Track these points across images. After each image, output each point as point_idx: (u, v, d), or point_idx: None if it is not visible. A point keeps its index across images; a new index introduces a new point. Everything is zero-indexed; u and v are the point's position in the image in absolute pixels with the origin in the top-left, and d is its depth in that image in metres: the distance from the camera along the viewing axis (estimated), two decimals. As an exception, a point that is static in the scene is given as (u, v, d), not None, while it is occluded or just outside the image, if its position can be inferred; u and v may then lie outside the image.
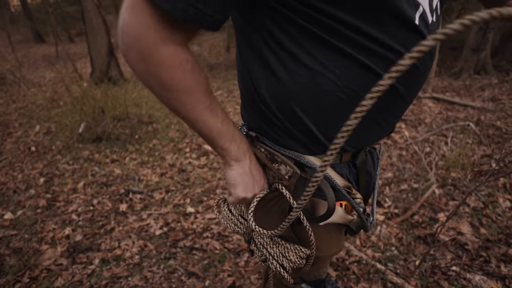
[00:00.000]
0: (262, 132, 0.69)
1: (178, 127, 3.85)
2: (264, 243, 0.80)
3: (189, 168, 2.89)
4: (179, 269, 1.80)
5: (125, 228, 2.14)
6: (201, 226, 2.12)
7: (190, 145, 3.35)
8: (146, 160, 3.10)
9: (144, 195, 2.50)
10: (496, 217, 1.99)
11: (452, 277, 1.63)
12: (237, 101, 4.78)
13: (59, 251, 1.94)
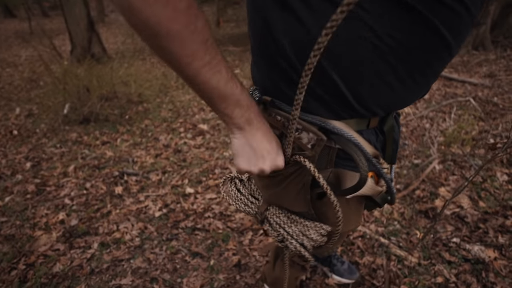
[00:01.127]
0: (279, 94, 0.60)
1: (171, 106, 3.72)
2: (281, 222, 0.75)
3: (185, 148, 2.80)
4: (183, 250, 1.75)
5: (123, 211, 2.06)
6: (201, 207, 2.06)
7: (184, 125, 3.24)
8: (138, 141, 2.99)
9: (140, 177, 2.41)
10: (494, 191, 2.02)
11: (453, 248, 1.65)
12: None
13: (55, 236, 1.85)
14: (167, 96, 4.05)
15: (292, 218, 0.74)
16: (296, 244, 0.73)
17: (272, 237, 0.79)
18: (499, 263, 1.54)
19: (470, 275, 1.51)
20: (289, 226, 0.74)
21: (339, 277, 1.52)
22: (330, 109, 0.57)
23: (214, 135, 3.00)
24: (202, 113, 3.52)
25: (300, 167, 0.63)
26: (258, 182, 0.78)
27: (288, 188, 0.68)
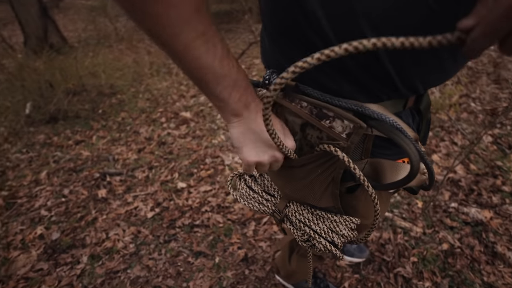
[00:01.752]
0: (304, 77, 0.51)
1: (148, 96, 3.46)
2: (305, 220, 0.67)
3: (169, 139, 2.61)
4: (184, 251, 1.62)
5: (110, 216, 1.88)
6: (197, 201, 1.92)
7: (165, 114, 3.02)
8: (117, 136, 2.75)
9: (124, 176, 2.22)
10: (482, 152, 2.04)
11: (453, 213, 1.65)
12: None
13: (35, 254, 1.66)
14: (142, 84, 3.76)
15: (318, 214, 0.67)
16: (325, 243, 0.64)
17: (296, 237, 0.69)
18: (495, 222, 1.56)
19: (472, 237, 1.51)
20: (316, 223, 0.66)
21: (350, 257, 1.49)
22: (367, 91, 0.49)
23: (199, 122, 2.81)
24: (183, 100, 3.29)
25: (329, 159, 0.55)
26: (276, 178, 0.68)
27: (314, 183, 0.59)
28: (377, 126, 0.50)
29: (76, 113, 3.08)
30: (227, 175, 2.09)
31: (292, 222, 0.69)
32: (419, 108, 0.58)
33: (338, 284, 1.40)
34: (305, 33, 0.46)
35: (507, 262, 1.38)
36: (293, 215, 0.69)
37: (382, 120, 0.48)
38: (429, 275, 1.37)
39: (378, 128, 0.50)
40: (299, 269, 1.17)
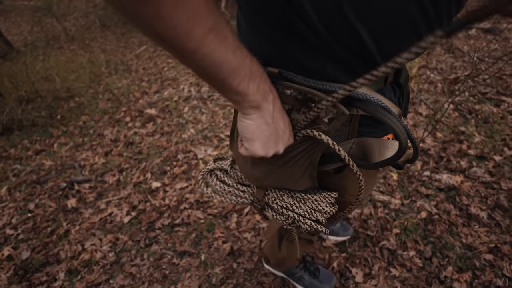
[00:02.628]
0: (288, 62, 0.49)
1: (108, 96, 3.27)
2: (287, 205, 0.66)
3: (137, 139, 2.48)
4: (167, 253, 1.56)
5: (84, 226, 1.77)
6: (174, 199, 1.85)
7: (129, 113, 2.87)
8: (80, 141, 2.58)
9: (94, 182, 2.09)
10: (446, 120, 2.11)
11: (426, 181, 1.70)
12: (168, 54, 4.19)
13: (5, 278, 1.53)
14: (100, 85, 3.55)
15: (298, 197, 0.66)
16: (310, 223, 0.65)
17: (280, 222, 0.69)
18: (466, 185, 1.62)
19: (447, 203, 1.57)
20: (298, 206, 0.66)
21: (335, 237, 1.50)
22: (349, 71, 0.48)
23: (165, 118, 2.70)
24: (146, 96, 3.15)
25: (311, 143, 0.55)
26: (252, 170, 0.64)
27: (292, 169, 0.59)
28: (362, 106, 0.49)
29: (32, 121, 2.86)
30: (202, 169, 2.02)
31: (274, 209, 0.69)
32: (399, 81, 0.58)
33: (327, 265, 1.40)
34: (284, 12, 0.43)
35: (481, 222, 1.45)
36: (274, 202, 0.68)
37: (366, 100, 0.48)
38: (412, 244, 1.41)
39: (364, 108, 0.49)
40: (290, 255, 1.16)
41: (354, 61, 0.47)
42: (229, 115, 2.53)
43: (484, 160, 1.75)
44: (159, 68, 3.83)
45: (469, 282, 1.25)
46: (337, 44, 0.44)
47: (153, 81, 3.46)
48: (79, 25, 5.98)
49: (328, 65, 0.48)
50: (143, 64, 4.02)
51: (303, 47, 0.46)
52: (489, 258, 1.31)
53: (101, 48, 4.80)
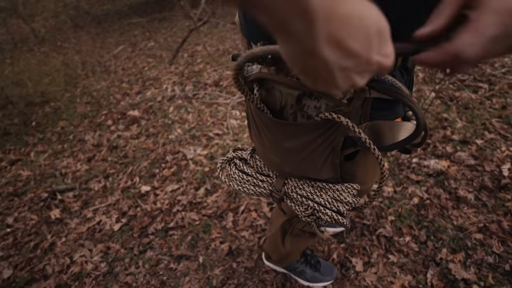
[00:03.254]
0: None
1: (87, 99, 3.14)
2: (307, 194, 0.66)
3: (121, 142, 2.40)
4: (163, 258, 1.51)
5: (70, 237, 1.69)
6: (166, 202, 1.80)
7: (110, 116, 2.77)
8: (59, 148, 2.47)
9: (78, 190, 2.00)
10: (428, 107, 2.16)
11: (416, 168, 1.74)
12: (148, 53, 4.07)
13: (-10, 297, 1.44)
14: (77, 88, 3.40)
15: (319, 186, 0.66)
16: (331, 213, 0.64)
17: (299, 213, 0.68)
18: (453, 169, 1.68)
19: (436, 187, 1.61)
20: (319, 195, 0.65)
21: (333, 228, 1.51)
22: None
23: (150, 119, 2.63)
24: (128, 98, 3.05)
25: (330, 127, 0.54)
26: (273, 155, 0.65)
27: (314, 155, 0.59)
28: (377, 87, 0.48)
29: (4, 129, 2.70)
30: (192, 170, 1.98)
31: (293, 199, 0.68)
32: (407, 65, 0.58)
33: (327, 257, 1.41)
34: None
35: (469, 204, 1.50)
36: (294, 191, 0.67)
37: (381, 81, 0.48)
38: (408, 230, 1.44)
39: (378, 89, 0.48)
40: (294, 250, 1.16)
41: None
42: (216, 113, 2.50)
43: (467, 144, 1.81)
44: (139, 68, 3.71)
45: (462, 262, 1.30)
46: None
47: (134, 81, 3.35)
48: (49, 26, 5.71)
49: None
50: (122, 65, 3.89)
51: None
52: (479, 237, 1.36)
53: (75, 49, 4.60)
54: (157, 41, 4.47)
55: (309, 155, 0.59)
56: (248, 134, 2.20)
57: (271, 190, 0.70)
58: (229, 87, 2.84)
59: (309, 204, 0.65)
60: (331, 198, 0.64)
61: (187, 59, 3.66)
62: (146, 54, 4.07)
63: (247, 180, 0.72)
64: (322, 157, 0.59)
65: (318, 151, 0.58)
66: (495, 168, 1.63)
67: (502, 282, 1.21)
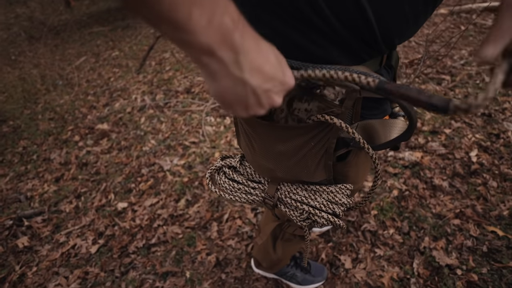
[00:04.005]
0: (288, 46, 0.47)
1: (50, 115, 2.95)
2: (302, 198, 0.65)
3: (91, 158, 2.27)
4: (148, 277, 1.44)
5: (42, 265, 1.57)
6: (146, 218, 1.72)
7: (77, 132, 2.62)
8: (22, 170, 2.29)
9: (47, 213, 1.87)
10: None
11: (392, 161, 1.80)
12: (113, 63, 3.91)
13: None
14: (38, 104, 3.19)
15: (312, 190, 0.65)
16: (327, 216, 0.63)
17: (294, 218, 0.67)
18: (426, 159, 1.75)
19: (413, 178, 1.67)
20: (313, 199, 0.64)
21: (318, 228, 1.51)
22: (351, 53, 0.48)
23: (121, 132, 2.51)
24: (95, 111, 2.90)
25: (322, 129, 0.53)
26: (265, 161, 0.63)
27: (307, 158, 0.58)
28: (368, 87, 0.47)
29: (-44, 155, 2.47)
30: (170, 182, 1.92)
31: (287, 204, 0.67)
32: (391, 63, 0.59)
33: (316, 257, 1.41)
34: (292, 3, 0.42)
35: (445, 191, 1.57)
36: (287, 196, 0.66)
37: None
38: (391, 223, 1.48)
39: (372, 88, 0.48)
40: (285, 255, 1.15)
41: (357, 44, 0.46)
42: (190, 121, 2.44)
43: (437, 134, 1.89)
44: (105, 79, 3.55)
45: (444, 248, 1.35)
46: (343, 27, 0.43)
47: (100, 93, 3.20)
48: (0, 39, 5.33)
49: (333, 50, 0.47)
50: (85, 77, 3.70)
51: (309, 33, 0.45)
52: (457, 223, 1.42)
53: (33, 62, 4.33)
54: (121, 50, 4.32)
55: (302, 159, 0.58)
56: (225, 140, 2.16)
57: (263, 197, 0.68)
58: (202, 93, 2.79)
59: (304, 209, 0.64)
60: (326, 201, 0.64)
61: (155, 67, 3.55)
62: (111, 64, 3.91)
63: (238, 189, 0.70)
64: (315, 160, 0.58)
65: (311, 154, 0.57)
66: (464, 155, 1.72)
67: (482, 263, 1.27)
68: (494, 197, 1.49)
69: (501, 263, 1.25)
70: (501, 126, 1.84)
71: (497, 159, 1.66)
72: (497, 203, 1.46)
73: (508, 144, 1.72)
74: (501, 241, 1.32)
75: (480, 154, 1.71)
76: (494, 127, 1.85)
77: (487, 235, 1.35)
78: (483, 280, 1.21)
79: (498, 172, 1.59)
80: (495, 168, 1.62)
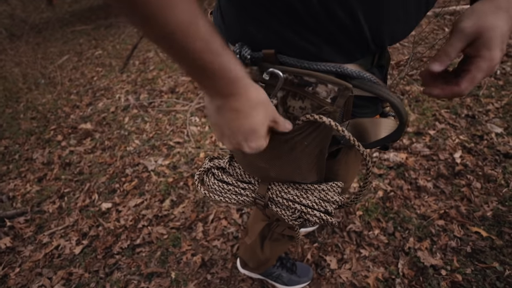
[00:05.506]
0: (282, 44, 0.48)
1: (32, 114, 2.88)
2: (293, 197, 0.64)
3: (74, 158, 2.23)
4: (133, 278, 1.42)
5: (25, 266, 1.53)
6: (130, 218, 1.70)
7: (60, 131, 2.56)
8: (4, 170, 2.23)
9: (29, 214, 1.82)
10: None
11: (377, 162, 1.81)
12: (96, 62, 3.85)
13: None
14: (19, 102, 3.11)
15: (304, 188, 0.65)
16: (319, 214, 0.63)
17: (285, 217, 0.67)
18: (411, 160, 1.77)
19: (398, 179, 1.69)
20: (305, 197, 0.64)
21: (304, 228, 1.52)
22: (344, 51, 0.48)
23: (104, 132, 2.47)
24: (78, 110, 2.84)
25: (315, 129, 0.53)
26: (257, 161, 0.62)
27: (300, 158, 0.58)
28: (358, 84, 0.50)
29: None
30: (155, 182, 1.89)
31: (279, 204, 0.67)
32: (382, 63, 0.60)
33: (302, 258, 1.41)
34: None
35: (429, 192, 1.59)
36: (278, 196, 0.65)
37: (362, 77, 0.49)
38: (376, 223, 1.49)
39: (359, 86, 0.50)
40: (273, 255, 1.15)
41: (349, 43, 0.47)
42: (174, 121, 2.41)
43: (422, 136, 1.92)
44: (88, 78, 3.49)
45: (429, 248, 1.36)
46: (334, 26, 0.44)
47: (83, 92, 3.14)
48: (-22, 36, 5.19)
49: (325, 48, 0.47)
50: (68, 76, 3.63)
51: (302, 31, 0.45)
52: (441, 223, 1.44)
53: (14, 61, 4.23)
54: (105, 49, 4.25)
55: (295, 159, 0.58)
56: (210, 140, 2.15)
57: (254, 197, 0.68)
58: (186, 93, 2.77)
59: (296, 207, 0.64)
60: (318, 199, 0.64)
61: (139, 66, 3.51)
62: (94, 63, 3.85)
63: (228, 190, 0.69)
64: (309, 160, 0.58)
65: (305, 154, 0.57)
66: (448, 156, 1.75)
67: (466, 264, 1.29)
68: (478, 198, 1.51)
69: (485, 264, 1.27)
70: (485, 127, 1.88)
71: (481, 160, 1.69)
72: (480, 204, 1.49)
73: (491, 146, 1.75)
74: (484, 242, 1.34)
75: (464, 155, 1.74)
76: (478, 128, 1.88)
77: (471, 236, 1.37)
78: (467, 280, 1.23)
79: (481, 173, 1.62)
80: (479, 169, 1.65)
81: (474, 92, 2.15)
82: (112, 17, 5.29)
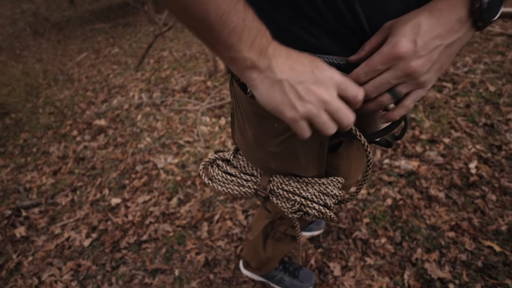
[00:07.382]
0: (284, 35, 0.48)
1: (50, 109, 2.98)
2: (294, 189, 0.65)
3: (88, 153, 2.29)
4: (137, 273, 1.45)
5: (38, 255, 1.58)
6: (138, 214, 1.73)
7: (76, 126, 2.64)
8: (22, 162, 2.32)
9: (44, 205, 1.88)
10: None
11: (387, 169, 1.77)
12: (112, 60, 3.94)
13: None
14: (39, 98, 3.22)
15: (304, 181, 0.66)
16: (318, 207, 0.63)
17: (285, 209, 0.67)
18: (423, 169, 1.72)
19: (408, 187, 1.64)
20: (305, 189, 0.64)
21: (309, 232, 1.51)
22: (344, 44, 0.49)
23: (117, 128, 2.53)
24: (93, 107, 2.92)
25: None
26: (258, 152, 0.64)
27: (301, 152, 0.58)
28: None
29: (-41, 144, 2.51)
30: (164, 180, 1.92)
31: (279, 195, 0.67)
32: None
33: (305, 263, 1.40)
34: None
35: (440, 202, 1.54)
36: (279, 188, 0.66)
37: None
38: (383, 232, 1.46)
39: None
40: (275, 255, 1.14)
41: (349, 35, 0.47)
42: (185, 120, 2.44)
43: (436, 144, 1.86)
44: (104, 75, 3.58)
45: (437, 261, 1.32)
46: (334, 18, 0.45)
47: (99, 89, 3.23)
48: (6, 33, 5.41)
49: (326, 40, 0.48)
50: (85, 73, 3.73)
51: (305, 23, 0.46)
52: (451, 235, 1.40)
53: (36, 57, 4.38)
54: (121, 47, 4.34)
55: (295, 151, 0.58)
56: (219, 141, 2.16)
57: (256, 189, 0.69)
58: (198, 93, 2.79)
59: (296, 200, 0.64)
60: (318, 192, 0.64)
61: (153, 65, 3.57)
62: (110, 61, 3.94)
63: (231, 181, 0.71)
64: (310, 153, 0.58)
65: (305, 147, 0.57)
66: (463, 165, 1.69)
67: (476, 279, 1.24)
68: (492, 211, 1.46)
69: (497, 280, 1.22)
70: (504, 137, 1.80)
71: (498, 171, 1.63)
72: (495, 217, 1.43)
73: (510, 157, 1.68)
74: (497, 257, 1.29)
75: (479, 165, 1.68)
76: (496, 138, 1.81)
77: (483, 250, 1.32)
78: (475, 295, 1.19)
79: (498, 185, 1.56)
80: (495, 181, 1.58)
81: (494, 100, 2.07)
82: (130, 16, 5.41)
